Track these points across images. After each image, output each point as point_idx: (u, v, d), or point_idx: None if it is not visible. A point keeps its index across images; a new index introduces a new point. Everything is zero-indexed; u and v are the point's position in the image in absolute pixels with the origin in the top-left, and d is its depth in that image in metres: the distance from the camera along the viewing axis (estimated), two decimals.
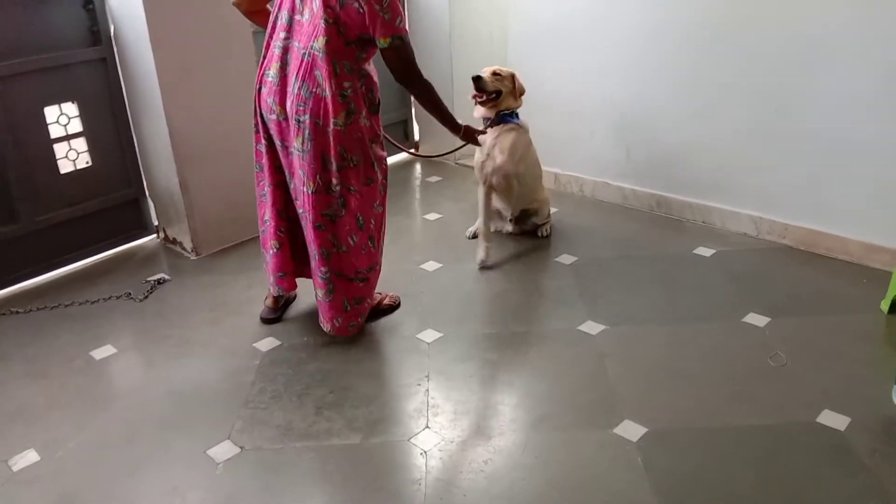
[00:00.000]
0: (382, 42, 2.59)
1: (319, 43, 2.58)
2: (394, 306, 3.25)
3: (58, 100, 3.59)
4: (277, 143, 2.85)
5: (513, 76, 3.60)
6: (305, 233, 2.92)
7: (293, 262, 3.10)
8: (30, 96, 3.47)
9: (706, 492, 2.19)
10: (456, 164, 5.02)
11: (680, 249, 3.68)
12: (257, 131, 2.90)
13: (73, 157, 3.69)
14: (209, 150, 3.74)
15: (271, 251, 3.06)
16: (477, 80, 3.50)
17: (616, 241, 3.81)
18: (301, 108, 2.67)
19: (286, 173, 2.91)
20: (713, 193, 3.87)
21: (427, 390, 2.71)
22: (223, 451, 2.45)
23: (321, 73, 2.61)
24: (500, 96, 3.58)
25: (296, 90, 2.67)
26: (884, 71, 3.16)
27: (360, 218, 2.84)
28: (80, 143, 3.71)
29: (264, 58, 2.79)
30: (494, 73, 3.55)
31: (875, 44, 3.15)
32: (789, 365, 2.74)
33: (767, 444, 2.36)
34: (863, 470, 2.23)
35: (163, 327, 3.22)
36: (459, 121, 3.04)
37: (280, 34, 2.72)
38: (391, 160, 5.10)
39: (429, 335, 3.04)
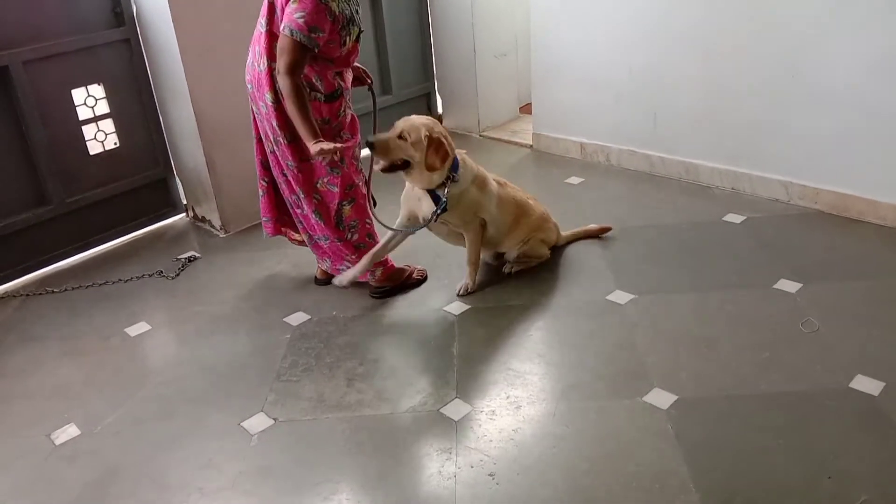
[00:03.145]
0: (283, 28, 2.67)
1: (265, 20, 2.77)
2: (421, 280, 3.27)
3: (84, 82, 3.63)
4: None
5: (429, 139, 2.76)
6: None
7: (276, 210, 3.21)
8: (57, 79, 3.52)
9: (737, 458, 2.19)
10: (480, 136, 5.00)
11: (709, 217, 3.63)
12: None
13: (101, 138, 3.74)
14: (234, 127, 3.76)
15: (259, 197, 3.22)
16: (370, 145, 2.77)
17: (644, 209, 3.78)
18: (248, 77, 2.89)
19: None
20: (742, 159, 3.81)
21: (455, 361, 2.72)
22: (257, 423, 2.50)
23: (260, 48, 2.79)
24: (410, 166, 2.83)
25: (249, 59, 2.89)
26: None
27: (301, 192, 2.96)
28: (108, 125, 3.76)
29: None
30: (400, 136, 2.79)
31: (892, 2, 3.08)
32: (821, 330, 2.71)
33: (799, 410, 2.35)
34: None
35: (195, 304, 3.27)
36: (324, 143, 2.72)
37: (262, 8, 2.90)
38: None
39: (456, 307, 3.05)
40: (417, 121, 2.83)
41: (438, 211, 2.89)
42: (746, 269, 3.15)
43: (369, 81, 3.12)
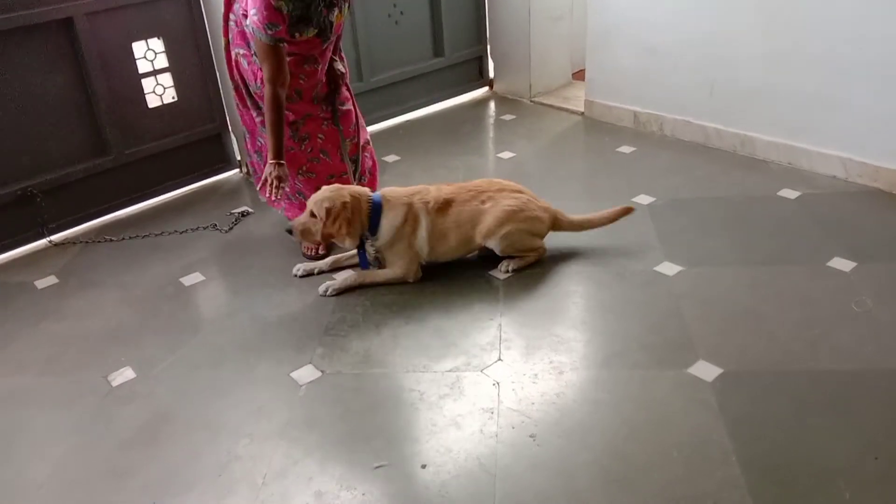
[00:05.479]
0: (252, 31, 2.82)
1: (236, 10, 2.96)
2: None
3: (145, 35, 3.69)
4: None
5: (328, 211, 2.82)
6: None
7: None
8: (118, 32, 3.58)
9: (780, 434, 2.18)
10: (531, 101, 4.96)
11: (763, 191, 3.57)
12: None
13: (160, 91, 3.81)
14: None
15: None
16: (289, 231, 2.97)
17: (696, 181, 3.72)
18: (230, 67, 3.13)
19: None
20: (800, 133, 3.71)
21: (500, 324, 2.75)
22: (305, 374, 2.56)
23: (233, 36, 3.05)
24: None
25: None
26: None
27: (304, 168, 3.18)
28: (167, 79, 3.82)
29: None
30: (312, 215, 2.88)
31: None
32: (874, 311, 2.66)
33: (847, 389, 2.32)
34: None
35: (247, 257, 3.35)
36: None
37: None
38: (463, 98, 5.10)
39: (501, 272, 3.07)
40: (320, 196, 2.86)
41: (363, 267, 3.06)
42: (799, 245, 3.10)
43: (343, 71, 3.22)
